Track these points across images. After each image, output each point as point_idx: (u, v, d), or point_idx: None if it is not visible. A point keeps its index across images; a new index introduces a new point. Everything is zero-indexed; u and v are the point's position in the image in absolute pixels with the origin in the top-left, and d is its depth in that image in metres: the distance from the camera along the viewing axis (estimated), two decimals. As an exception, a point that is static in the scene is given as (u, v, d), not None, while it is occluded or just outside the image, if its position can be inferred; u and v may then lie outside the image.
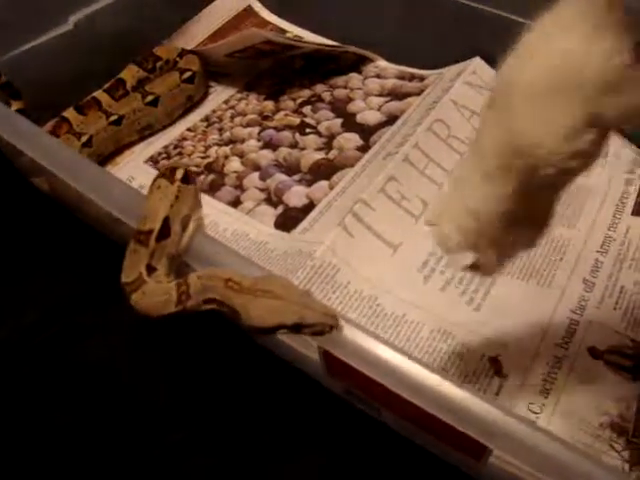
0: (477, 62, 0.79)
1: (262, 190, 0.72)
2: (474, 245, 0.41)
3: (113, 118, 0.75)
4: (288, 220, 0.68)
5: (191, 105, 0.83)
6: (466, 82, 0.77)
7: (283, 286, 0.40)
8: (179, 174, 0.49)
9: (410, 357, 0.39)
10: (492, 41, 0.37)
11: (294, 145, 0.77)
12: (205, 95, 0.85)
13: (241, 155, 0.77)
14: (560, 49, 0.36)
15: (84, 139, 0.72)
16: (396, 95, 0.83)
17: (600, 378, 0.54)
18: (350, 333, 0.39)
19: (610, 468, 0.41)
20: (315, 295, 0.56)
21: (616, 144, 0.74)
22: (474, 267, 0.43)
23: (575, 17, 0.36)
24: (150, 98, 0.77)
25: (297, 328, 0.39)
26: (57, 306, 0.61)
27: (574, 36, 0.35)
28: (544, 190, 0.40)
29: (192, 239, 0.47)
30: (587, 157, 0.37)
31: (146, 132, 0.79)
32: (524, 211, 0.40)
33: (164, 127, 0.81)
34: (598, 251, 0.64)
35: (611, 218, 0.67)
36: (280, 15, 0.96)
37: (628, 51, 0.34)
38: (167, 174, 0.49)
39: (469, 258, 0.43)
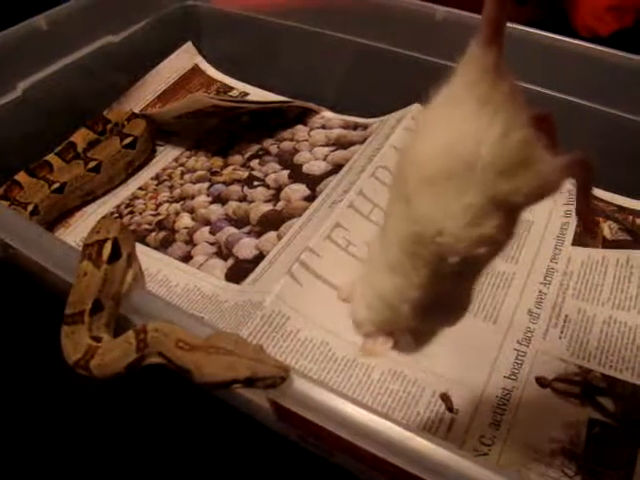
0: (416, 108, 0.81)
1: (212, 244, 0.73)
2: (388, 332, 0.40)
3: (55, 186, 0.75)
4: (238, 272, 0.68)
5: (132, 170, 0.83)
6: (406, 128, 0.79)
7: (235, 342, 0.41)
8: (106, 252, 0.46)
9: (356, 402, 0.39)
10: (431, 86, 0.36)
11: (243, 198, 0.79)
12: (150, 157, 0.86)
13: (191, 211, 0.78)
14: (450, 127, 0.33)
15: (30, 208, 0.72)
16: (341, 144, 0.85)
17: (549, 406, 0.55)
18: (298, 383, 0.40)
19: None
20: (266, 344, 0.57)
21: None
22: (394, 346, 0.41)
23: (464, 92, 0.33)
24: (92, 164, 0.78)
25: (250, 382, 0.39)
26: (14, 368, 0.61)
27: (463, 113, 0.33)
28: (456, 277, 0.36)
29: (129, 300, 0.46)
30: (496, 243, 0.35)
31: (89, 198, 0.79)
32: (437, 299, 0.37)
33: (104, 193, 0.81)
34: (541, 282, 0.66)
35: (552, 249, 0.70)
36: (226, 73, 0.99)
37: (524, 128, 0.32)
38: (93, 255, 0.46)
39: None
